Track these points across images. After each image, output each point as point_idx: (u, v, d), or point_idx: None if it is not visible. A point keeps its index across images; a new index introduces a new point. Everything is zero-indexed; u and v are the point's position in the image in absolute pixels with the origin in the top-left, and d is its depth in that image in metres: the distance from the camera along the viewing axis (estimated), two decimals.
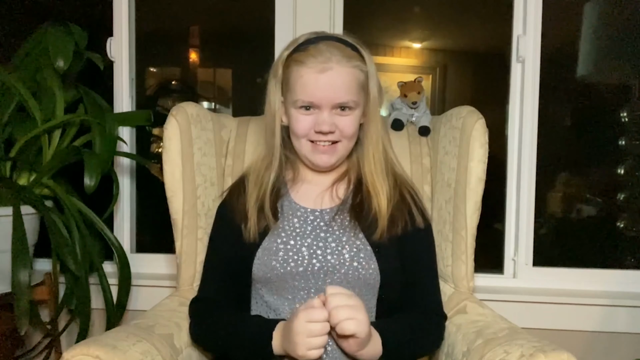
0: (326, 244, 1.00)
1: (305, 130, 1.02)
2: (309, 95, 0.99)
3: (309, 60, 0.99)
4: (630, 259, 1.68)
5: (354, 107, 1.01)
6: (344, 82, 0.99)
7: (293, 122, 1.03)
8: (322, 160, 1.03)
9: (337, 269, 0.98)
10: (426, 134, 1.30)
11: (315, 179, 1.09)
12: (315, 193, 1.07)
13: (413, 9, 1.81)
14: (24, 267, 1.24)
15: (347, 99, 0.99)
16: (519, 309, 1.50)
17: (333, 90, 0.98)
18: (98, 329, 1.63)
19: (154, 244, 1.75)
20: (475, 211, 1.15)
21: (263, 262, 0.99)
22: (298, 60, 1.00)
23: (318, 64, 0.98)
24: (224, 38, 1.89)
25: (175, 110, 1.17)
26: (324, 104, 0.99)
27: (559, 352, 0.81)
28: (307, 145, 1.03)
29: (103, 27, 1.69)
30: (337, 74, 0.98)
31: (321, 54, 0.98)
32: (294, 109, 1.01)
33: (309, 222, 1.04)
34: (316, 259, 0.99)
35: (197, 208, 1.18)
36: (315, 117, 1.00)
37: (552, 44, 1.60)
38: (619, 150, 1.69)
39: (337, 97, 0.99)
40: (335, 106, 1.00)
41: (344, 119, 1.01)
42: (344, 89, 0.99)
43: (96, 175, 1.38)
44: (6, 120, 1.44)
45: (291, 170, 1.11)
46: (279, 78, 1.04)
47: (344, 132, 1.01)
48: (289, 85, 1.02)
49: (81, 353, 0.84)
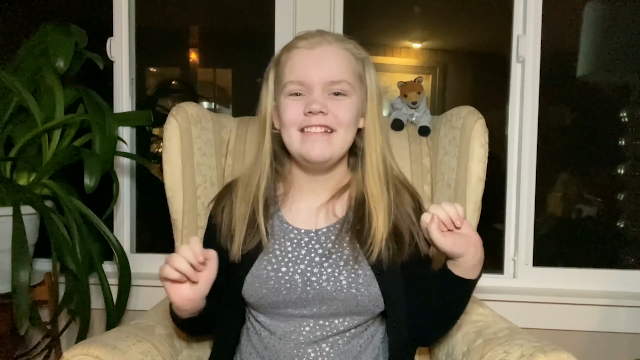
0: (321, 269, 0.92)
1: (294, 116, 0.92)
2: (298, 74, 0.92)
3: (300, 42, 0.94)
4: (630, 259, 1.68)
5: (349, 93, 0.93)
6: (336, 59, 0.93)
7: (282, 111, 0.94)
8: (314, 151, 0.91)
9: (334, 296, 0.91)
10: (426, 134, 1.30)
11: (311, 193, 0.99)
12: (309, 210, 0.98)
13: (413, 9, 1.81)
14: (24, 267, 1.24)
15: (339, 78, 0.92)
16: (519, 309, 1.51)
17: (323, 67, 0.91)
18: (98, 329, 1.64)
19: (154, 244, 1.75)
20: (475, 211, 1.15)
21: (253, 288, 0.93)
22: (289, 47, 0.96)
23: (309, 43, 0.93)
24: (224, 38, 1.89)
25: (175, 110, 1.17)
26: (314, 83, 0.91)
27: (559, 352, 0.81)
28: (297, 136, 0.93)
29: (103, 27, 1.69)
30: (328, 52, 0.93)
31: (313, 37, 0.94)
32: (284, 97, 0.94)
33: (302, 246, 0.95)
34: (310, 287, 0.91)
35: (197, 208, 1.18)
36: (305, 100, 0.91)
37: (552, 44, 1.60)
38: (619, 150, 1.69)
39: (328, 74, 0.91)
40: (327, 85, 0.91)
41: (338, 103, 0.92)
42: (335, 67, 0.92)
43: (96, 175, 1.37)
44: (6, 120, 1.44)
45: (282, 184, 1.02)
46: (271, 78, 0.99)
47: (339, 117, 0.91)
48: (279, 77, 0.96)
49: (81, 353, 0.84)
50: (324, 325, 0.93)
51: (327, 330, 0.93)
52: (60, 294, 1.54)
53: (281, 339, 0.93)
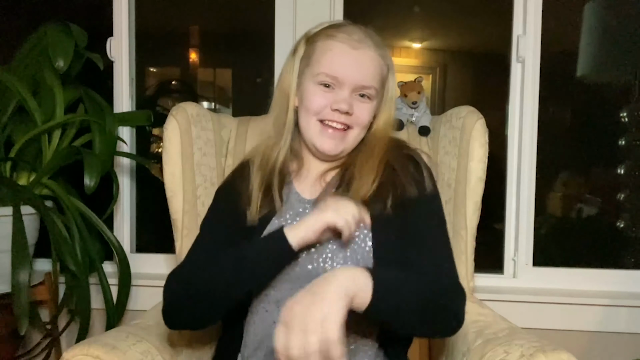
0: None
1: (320, 107, 0.95)
2: (335, 70, 0.94)
3: (341, 35, 0.96)
4: (630, 259, 1.68)
5: (373, 97, 0.98)
6: (372, 66, 0.96)
7: (308, 97, 0.96)
8: (328, 145, 0.97)
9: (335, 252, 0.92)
10: (426, 134, 1.30)
11: (316, 166, 1.04)
12: (311, 182, 1.03)
13: (413, 9, 1.81)
14: (24, 267, 1.24)
15: (371, 84, 0.96)
16: (519, 309, 1.51)
17: (361, 71, 0.94)
18: (98, 329, 1.64)
19: (154, 244, 1.75)
20: (475, 211, 1.15)
21: None
22: (328, 35, 0.97)
23: (351, 40, 0.95)
24: (224, 38, 1.89)
25: (175, 110, 1.17)
26: (348, 83, 0.94)
27: (559, 352, 0.81)
28: (317, 126, 0.97)
29: (103, 27, 1.69)
30: (368, 56, 0.95)
31: (355, 33, 0.95)
32: (313, 84, 0.96)
33: (307, 212, 0.98)
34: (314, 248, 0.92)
35: (197, 208, 1.18)
36: (334, 95, 0.95)
37: (552, 44, 1.60)
38: (619, 150, 1.69)
39: (363, 78, 0.95)
40: (357, 88, 0.95)
41: (362, 105, 0.96)
42: (370, 73, 0.96)
43: (96, 175, 1.38)
44: (6, 120, 1.44)
45: (295, 161, 1.05)
46: (300, 55, 1.00)
47: (360, 118, 0.96)
48: (311, 59, 0.97)
49: (81, 353, 0.84)
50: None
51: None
52: (60, 294, 1.54)
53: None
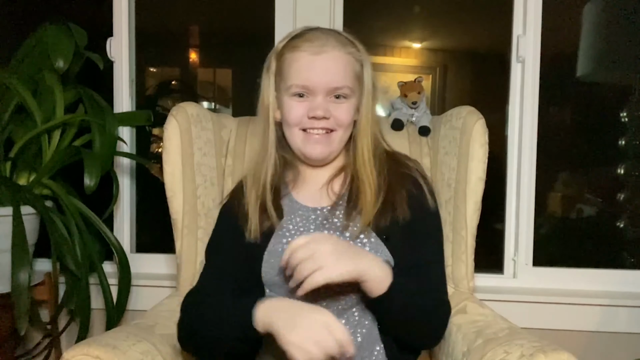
0: None
1: (298, 118, 0.98)
2: (304, 79, 0.96)
3: (304, 44, 0.97)
4: (630, 259, 1.68)
5: (349, 95, 0.98)
6: (340, 66, 0.97)
7: (286, 111, 0.99)
8: (315, 150, 0.99)
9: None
10: (426, 134, 1.30)
11: (313, 176, 1.06)
12: (313, 191, 1.04)
13: (413, 9, 1.82)
14: (24, 267, 1.24)
15: (343, 84, 0.97)
16: (519, 309, 1.50)
17: (329, 74, 0.96)
18: (98, 329, 1.63)
19: (154, 244, 1.75)
20: (475, 211, 1.15)
21: (270, 264, 0.95)
22: (292, 46, 0.98)
23: (314, 47, 0.96)
24: (224, 38, 1.89)
25: (175, 110, 1.17)
26: (319, 89, 0.96)
27: (559, 352, 0.81)
28: (300, 135, 0.99)
29: (103, 27, 1.69)
30: (333, 58, 0.96)
31: (317, 39, 0.97)
32: (287, 97, 0.98)
33: (311, 221, 1.00)
34: None
35: (197, 208, 1.18)
36: (309, 103, 0.97)
37: (552, 44, 1.59)
38: (619, 150, 1.69)
39: (332, 80, 0.96)
40: (330, 91, 0.97)
41: (339, 106, 0.98)
42: (339, 74, 0.96)
43: (96, 175, 1.38)
44: (6, 120, 1.44)
45: (291, 171, 1.07)
46: (272, 71, 1.02)
47: (339, 120, 0.98)
48: (282, 74, 0.99)
49: (81, 353, 0.84)
50: (338, 299, 0.94)
51: (342, 303, 0.94)
52: (60, 294, 1.54)
53: None
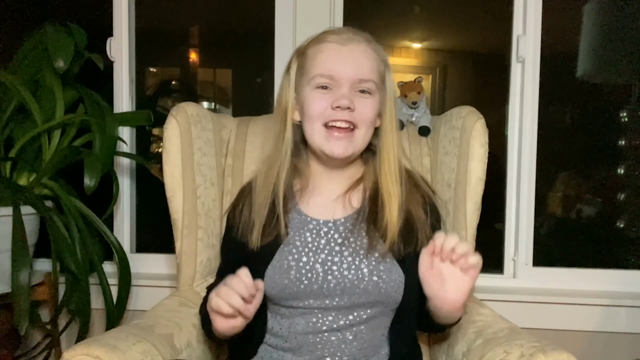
0: (342, 258, 0.94)
1: (320, 110, 0.93)
2: (329, 69, 0.93)
3: (330, 36, 0.96)
4: (630, 259, 1.68)
5: (374, 92, 0.95)
6: (367, 59, 0.95)
7: (308, 104, 0.95)
8: (337, 148, 0.94)
9: (355, 285, 0.92)
10: (426, 134, 1.30)
11: (327, 186, 1.02)
12: (326, 203, 1.00)
13: (413, 9, 1.81)
14: (24, 267, 1.24)
15: (369, 77, 0.94)
16: (519, 309, 1.50)
17: (355, 64, 0.93)
18: (98, 329, 1.63)
19: (154, 244, 1.75)
20: (475, 211, 1.15)
21: (274, 280, 0.93)
22: (317, 39, 0.97)
23: (340, 39, 0.94)
24: (224, 38, 1.89)
25: (175, 110, 1.17)
26: (344, 79, 0.93)
27: (559, 352, 0.81)
28: (322, 131, 0.94)
29: (103, 27, 1.69)
30: (360, 50, 0.94)
31: (344, 32, 0.96)
32: (310, 89, 0.95)
33: (322, 235, 0.97)
34: (332, 276, 0.92)
35: (197, 208, 1.18)
36: (333, 94, 0.93)
37: (552, 44, 1.59)
38: (619, 150, 1.69)
39: (359, 72, 0.93)
40: (355, 83, 0.93)
41: (364, 100, 0.94)
42: (366, 65, 0.94)
43: (96, 175, 1.38)
44: (6, 120, 1.44)
45: (299, 180, 1.03)
46: (293, 70, 0.99)
47: (363, 115, 0.94)
48: (304, 68, 0.97)
49: (81, 353, 0.84)
50: (346, 316, 0.93)
51: (350, 319, 0.93)
52: (60, 294, 1.54)
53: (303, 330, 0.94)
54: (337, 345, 0.93)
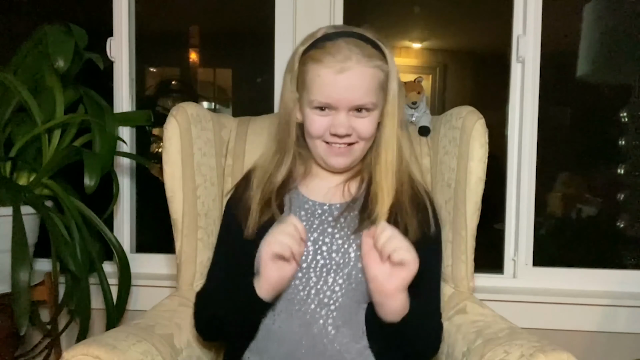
0: (332, 240, 0.97)
1: (320, 132, 0.98)
2: (326, 97, 0.95)
3: (327, 58, 0.94)
4: (630, 259, 1.68)
5: (372, 109, 0.97)
6: (363, 83, 0.95)
7: (308, 123, 0.99)
8: (337, 162, 1.00)
9: (340, 268, 0.95)
10: (426, 134, 1.30)
11: (328, 175, 1.06)
12: (325, 188, 1.04)
13: (413, 9, 1.81)
14: (24, 267, 1.24)
15: (366, 101, 0.95)
16: (519, 309, 1.50)
17: (351, 92, 0.94)
18: (98, 329, 1.63)
19: (154, 244, 1.75)
20: (475, 211, 1.15)
21: None
22: (315, 59, 0.96)
23: (336, 63, 0.93)
24: (224, 38, 1.89)
25: (175, 110, 1.17)
26: (341, 106, 0.95)
27: (559, 352, 0.81)
28: (322, 145, 0.99)
29: (103, 27, 1.69)
30: (356, 75, 0.94)
31: (340, 52, 0.93)
32: (310, 109, 0.98)
33: (316, 216, 1.00)
34: (320, 255, 0.96)
35: (197, 208, 1.18)
36: (332, 118, 0.96)
37: (552, 44, 1.59)
38: (619, 150, 1.69)
39: (355, 99, 0.95)
40: (352, 108, 0.96)
41: (361, 121, 0.97)
42: (363, 90, 0.95)
43: (96, 175, 1.37)
44: (6, 120, 1.44)
45: (302, 165, 1.07)
46: (295, 73, 1.00)
47: (361, 134, 0.98)
48: (305, 83, 0.98)
49: (81, 353, 0.84)
50: (328, 303, 0.94)
51: (332, 308, 0.94)
52: (60, 294, 1.54)
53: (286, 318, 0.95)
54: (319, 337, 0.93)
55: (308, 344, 0.93)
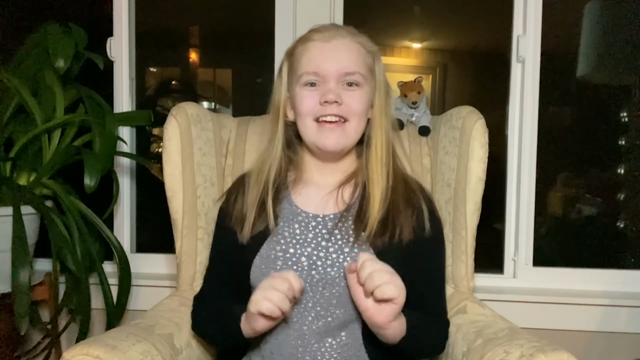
0: (327, 254, 0.95)
1: (310, 107, 0.97)
2: (315, 66, 0.96)
3: (315, 35, 0.99)
4: (630, 259, 1.68)
5: (361, 84, 0.98)
6: (351, 53, 0.97)
7: (298, 102, 0.98)
8: (329, 141, 0.96)
9: (337, 282, 0.93)
10: (426, 134, 1.30)
11: (321, 179, 1.04)
12: (318, 197, 1.02)
13: (413, 9, 1.81)
14: (24, 267, 1.24)
15: (354, 69, 0.96)
16: (519, 309, 1.50)
17: (340, 60, 0.96)
18: (98, 329, 1.64)
19: (154, 244, 1.75)
20: (475, 211, 1.15)
21: (260, 270, 0.95)
22: (303, 39, 1.00)
23: (324, 36, 0.98)
24: (224, 38, 1.89)
25: (175, 110, 1.17)
26: (330, 75, 0.96)
27: (559, 352, 0.81)
28: (313, 126, 0.97)
29: (103, 27, 1.69)
30: (344, 44, 0.97)
31: (327, 30, 0.99)
32: (300, 87, 0.98)
33: (310, 229, 0.98)
34: (315, 271, 0.94)
35: (197, 208, 1.18)
36: (321, 90, 0.96)
37: (552, 44, 1.59)
38: (619, 150, 1.69)
39: (343, 66, 0.96)
40: (341, 77, 0.96)
41: (351, 93, 0.97)
42: (351, 59, 0.97)
43: (96, 175, 1.37)
44: (6, 120, 1.44)
45: (294, 172, 1.06)
46: (285, 71, 1.03)
47: (352, 107, 0.96)
48: (293, 68, 1.00)
49: (81, 353, 0.84)
50: (326, 315, 0.94)
51: (330, 320, 0.93)
52: (60, 294, 1.54)
53: (283, 330, 0.94)
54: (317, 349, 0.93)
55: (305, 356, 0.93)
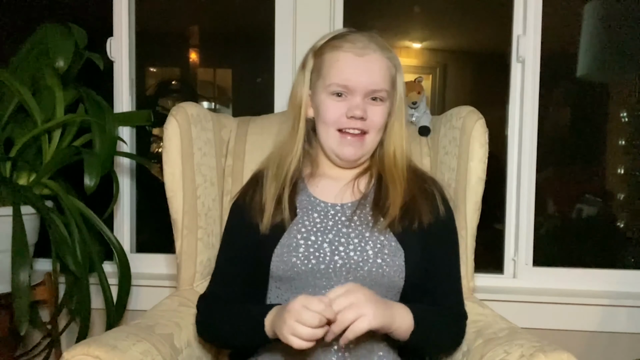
0: (348, 239, 0.97)
1: (335, 117, 0.99)
2: (345, 79, 0.97)
3: (346, 44, 0.99)
4: (630, 259, 1.68)
5: (385, 99, 1.01)
6: (381, 69, 0.99)
7: (323, 110, 1.00)
8: (349, 152, 1.01)
9: (360, 266, 0.94)
10: (426, 134, 1.30)
11: (337, 174, 1.06)
12: (335, 188, 1.04)
13: (413, 9, 1.81)
14: (24, 267, 1.24)
15: (382, 87, 0.99)
16: (519, 309, 1.51)
17: (370, 75, 0.98)
18: (98, 329, 1.64)
19: (154, 244, 1.75)
20: (475, 211, 1.15)
21: (282, 259, 0.95)
22: (334, 46, 1.00)
23: (356, 48, 0.98)
24: (224, 38, 1.89)
25: (175, 110, 1.17)
26: (358, 89, 0.97)
27: (559, 352, 0.81)
28: (336, 135, 1.00)
29: (103, 27, 1.69)
30: (375, 60, 0.98)
31: (359, 40, 0.99)
32: (326, 95, 1.00)
33: (329, 217, 1.00)
34: (338, 256, 0.95)
35: (197, 208, 1.18)
36: (347, 103, 0.98)
37: (552, 44, 1.59)
38: (619, 150, 1.69)
39: (373, 82, 0.98)
40: (368, 93, 0.98)
41: (375, 109, 0.99)
42: (380, 76, 0.99)
43: (96, 175, 1.37)
44: (6, 120, 1.44)
45: (309, 166, 1.08)
46: (309, 68, 1.03)
47: (374, 122, 1.00)
48: (321, 72, 1.01)
49: (81, 353, 0.84)
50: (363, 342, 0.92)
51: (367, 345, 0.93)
52: (60, 294, 1.54)
53: None
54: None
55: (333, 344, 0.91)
